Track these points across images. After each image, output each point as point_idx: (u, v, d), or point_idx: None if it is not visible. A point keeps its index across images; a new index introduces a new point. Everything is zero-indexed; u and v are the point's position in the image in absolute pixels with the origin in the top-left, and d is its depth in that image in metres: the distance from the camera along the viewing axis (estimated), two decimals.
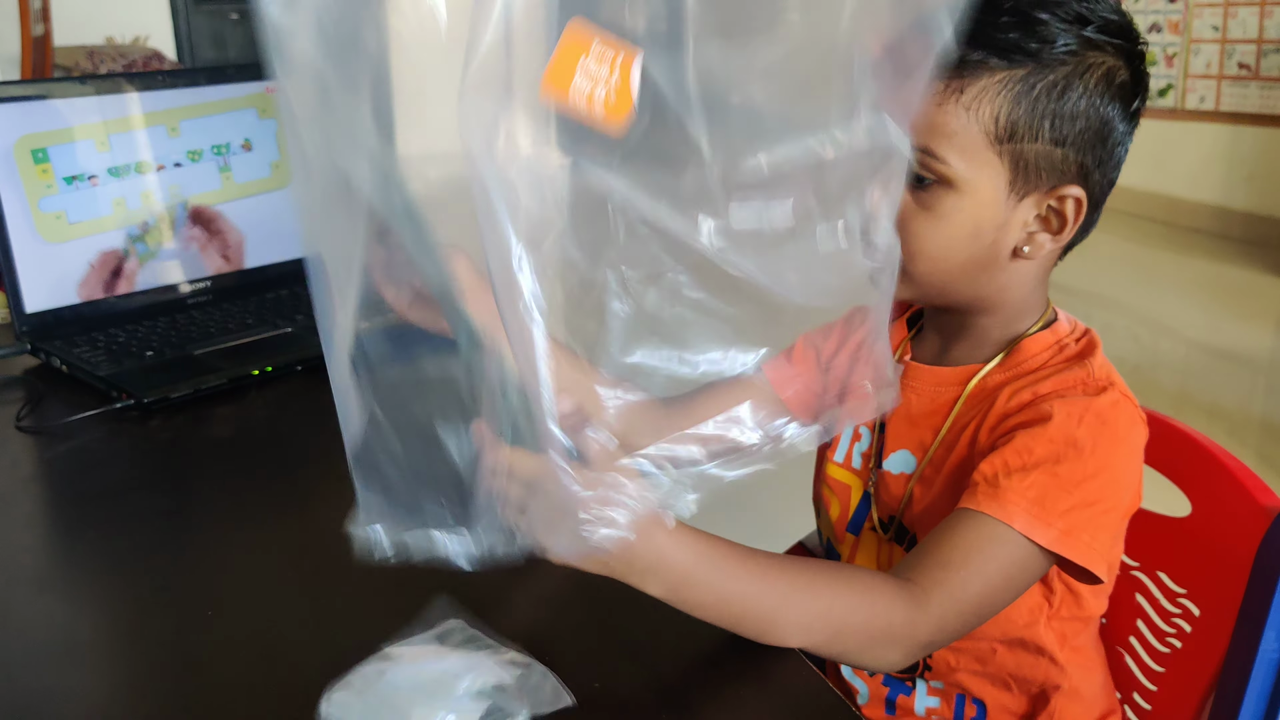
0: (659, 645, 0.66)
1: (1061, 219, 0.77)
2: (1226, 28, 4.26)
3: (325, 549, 0.80)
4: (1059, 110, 0.74)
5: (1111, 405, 0.76)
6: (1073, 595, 0.83)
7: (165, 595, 0.74)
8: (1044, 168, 0.75)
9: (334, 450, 1.00)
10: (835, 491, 0.92)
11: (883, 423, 0.88)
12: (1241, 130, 4.27)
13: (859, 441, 0.90)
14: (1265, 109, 4.17)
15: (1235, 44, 4.25)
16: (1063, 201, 0.76)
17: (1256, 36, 4.17)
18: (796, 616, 0.66)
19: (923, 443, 0.85)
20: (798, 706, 0.61)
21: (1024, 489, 0.72)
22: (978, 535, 0.72)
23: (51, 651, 0.68)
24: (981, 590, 0.71)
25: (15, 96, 1.16)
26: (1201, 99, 4.39)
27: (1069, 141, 0.75)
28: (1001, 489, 0.72)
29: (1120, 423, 0.76)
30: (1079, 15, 0.74)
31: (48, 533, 0.86)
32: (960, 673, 0.86)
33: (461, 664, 0.61)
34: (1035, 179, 0.75)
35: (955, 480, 0.80)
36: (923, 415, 0.85)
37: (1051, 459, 0.73)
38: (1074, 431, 0.74)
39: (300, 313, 1.25)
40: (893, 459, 0.87)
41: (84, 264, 1.21)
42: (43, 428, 1.02)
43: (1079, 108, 0.74)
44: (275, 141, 1.34)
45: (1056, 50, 0.73)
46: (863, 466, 0.90)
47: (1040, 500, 0.72)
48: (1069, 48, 0.73)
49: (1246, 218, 4.27)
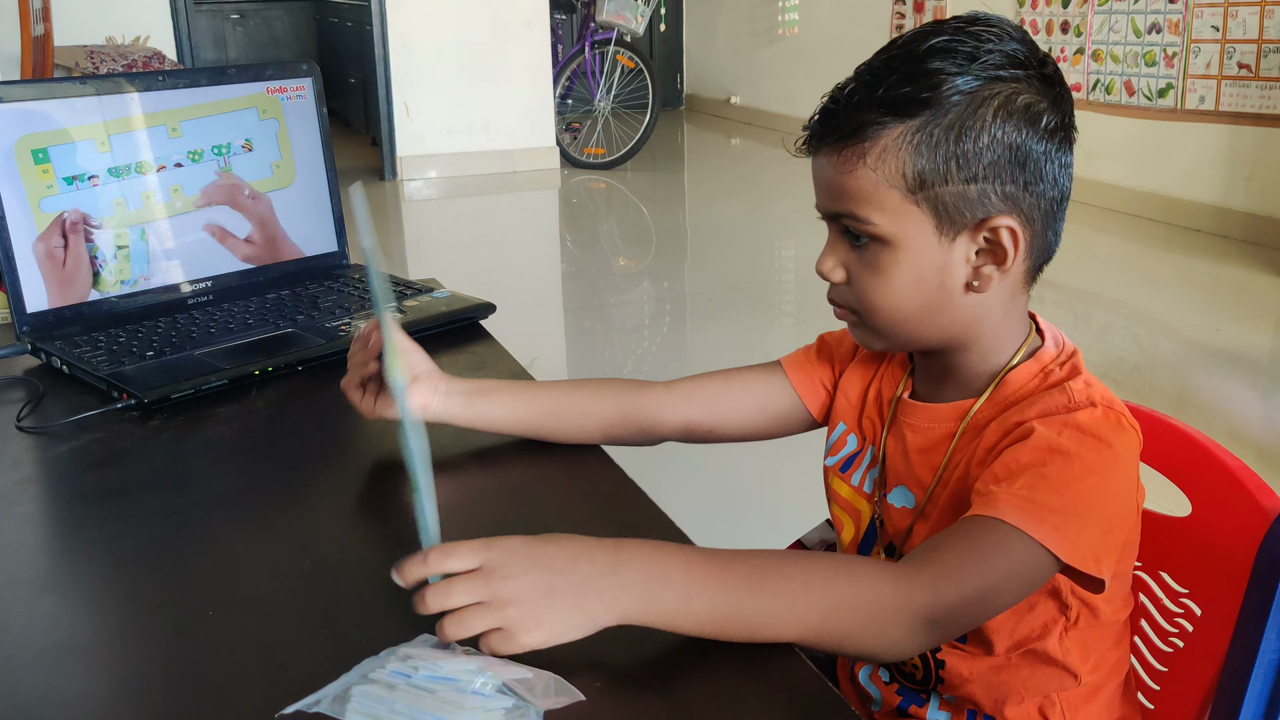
0: (659, 645, 0.66)
1: (1001, 249, 0.78)
2: (1226, 28, 4.26)
3: (325, 549, 0.80)
4: (961, 150, 0.75)
5: (1090, 418, 0.76)
6: (1088, 608, 0.82)
7: (165, 595, 0.74)
8: (964, 207, 0.76)
9: (334, 450, 1.00)
10: (848, 514, 0.93)
11: (884, 455, 0.89)
12: (1241, 130, 4.26)
13: (872, 469, 0.91)
14: (1265, 109, 4.17)
15: (1235, 44, 4.25)
16: (995, 233, 0.77)
17: (1256, 36, 4.17)
18: (781, 602, 0.66)
19: (920, 481, 0.86)
20: (798, 706, 0.61)
21: (1014, 491, 0.73)
22: (972, 529, 0.72)
23: (51, 651, 0.68)
24: (981, 575, 0.71)
25: (15, 97, 1.16)
26: (1201, 99, 4.39)
27: (981, 177, 0.76)
28: (993, 494, 0.73)
29: (1102, 431, 0.76)
30: (969, 54, 0.75)
31: (48, 533, 0.86)
32: (973, 684, 0.85)
33: (475, 664, 0.61)
34: (959, 218, 0.77)
35: (953, 514, 0.81)
36: (918, 452, 0.86)
37: (1037, 463, 0.74)
38: (1055, 440, 0.75)
39: (300, 313, 1.25)
40: (894, 493, 0.88)
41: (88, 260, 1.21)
42: (43, 428, 1.02)
43: (981, 142, 0.75)
44: (276, 142, 1.34)
45: (946, 93, 0.74)
46: (873, 492, 0.91)
47: (1031, 498, 0.72)
48: (962, 89, 0.74)
49: (1246, 218, 4.27)
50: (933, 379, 0.87)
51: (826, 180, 0.79)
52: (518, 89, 6.01)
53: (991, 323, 0.82)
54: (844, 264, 0.81)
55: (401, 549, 0.80)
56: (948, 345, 0.83)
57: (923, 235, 0.77)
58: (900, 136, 0.75)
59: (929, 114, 0.75)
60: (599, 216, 5.51)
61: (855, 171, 0.77)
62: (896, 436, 0.88)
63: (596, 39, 6.13)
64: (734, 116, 7.92)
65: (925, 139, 0.75)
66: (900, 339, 0.83)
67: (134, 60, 4.44)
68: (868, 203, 0.77)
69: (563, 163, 6.23)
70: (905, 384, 0.89)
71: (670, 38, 8.44)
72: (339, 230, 1.41)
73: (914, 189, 0.76)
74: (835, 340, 0.97)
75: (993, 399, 0.82)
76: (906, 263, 0.78)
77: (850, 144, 0.77)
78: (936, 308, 0.80)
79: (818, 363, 0.96)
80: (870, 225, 0.77)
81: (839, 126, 0.77)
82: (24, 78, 3.74)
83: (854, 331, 0.86)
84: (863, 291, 0.80)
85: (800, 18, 7.08)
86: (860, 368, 0.94)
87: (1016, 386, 0.82)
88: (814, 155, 0.81)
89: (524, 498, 0.88)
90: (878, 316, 0.81)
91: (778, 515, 2.15)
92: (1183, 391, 2.97)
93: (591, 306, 3.98)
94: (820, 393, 0.96)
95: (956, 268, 0.78)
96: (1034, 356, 0.82)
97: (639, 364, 3.37)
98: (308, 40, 8.17)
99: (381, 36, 5.78)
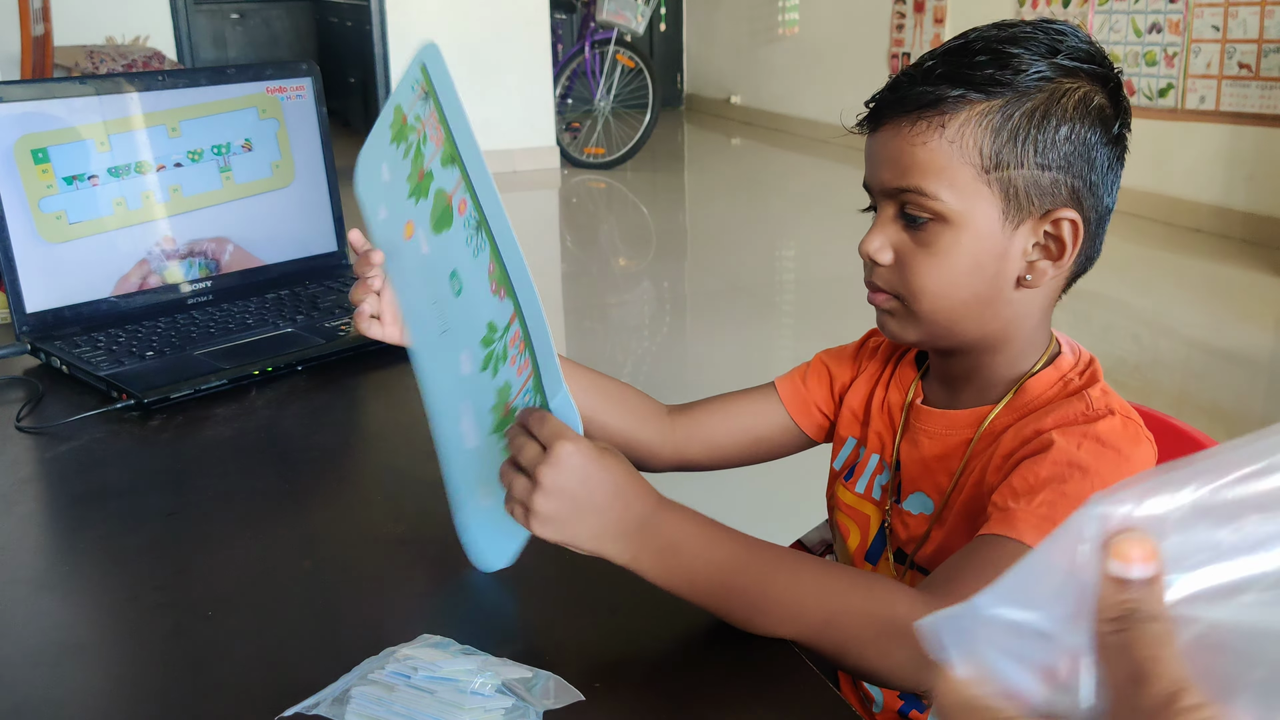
0: (658, 645, 0.66)
1: (1060, 244, 0.78)
2: (1226, 28, 4.26)
3: (325, 549, 0.80)
4: (1041, 136, 0.75)
5: (1109, 429, 0.76)
6: None
7: (165, 595, 0.74)
8: (1034, 193, 0.76)
9: (334, 450, 1.00)
10: (854, 520, 0.92)
11: (898, 462, 0.88)
12: (1241, 130, 4.26)
13: (881, 474, 0.90)
14: (1265, 109, 4.17)
15: (1235, 44, 4.25)
16: (1058, 225, 0.77)
17: (1256, 36, 4.17)
18: (787, 595, 0.66)
19: (939, 486, 0.85)
20: (798, 706, 0.61)
21: (1033, 508, 0.72)
22: (991, 553, 0.72)
23: (51, 651, 0.68)
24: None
25: (15, 96, 1.16)
26: (1201, 99, 4.39)
27: (1054, 165, 0.76)
28: (1011, 511, 0.72)
29: (1121, 444, 0.75)
30: (1050, 46, 0.76)
31: (48, 533, 0.86)
32: None
33: (474, 664, 0.61)
34: (1028, 205, 0.76)
35: (968, 520, 0.80)
36: (935, 459, 0.85)
37: (1057, 479, 0.73)
38: (1074, 454, 0.74)
39: (300, 313, 1.25)
40: (911, 499, 0.87)
41: (118, 262, 1.21)
42: (43, 428, 1.02)
43: (1060, 133, 0.75)
44: (276, 142, 1.34)
45: (1030, 78, 0.75)
46: (882, 498, 0.90)
47: (1050, 517, 0.71)
48: (1043, 75, 0.75)
49: (1246, 218, 4.27)
50: (949, 384, 0.86)
51: (893, 153, 0.78)
52: (518, 89, 6.01)
53: (1027, 327, 0.81)
54: (893, 245, 0.79)
55: (401, 549, 0.80)
56: (981, 344, 0.82)
57: (988, 218, 0.76)
58: (982, 113, 0.75)
59: (1011, 95, 0.75)
60: (599, 216, 5.51)
61: (930, 144, 0.75)
62: (910, 443, 0.87)
63: (596, 39, 6.13)
64: (734, 116, 7.92)
65: (1005, 119, 0.75)
66: (940, 329, 0.81)
67: (134, 60, 4.44)
68: (938, 177, 0.75)
69: (563, 162, 6.23)
70: (915, 389, 0.89)
71: (670, 38, 8.44)
72: (339, 230, 1.41)
73: (989, 168, 0.75)
74: (833, 358, 0.96)
75: (1010, 406, 0.82)
76: (967, 245, 0.77)
77: (927, 115, 0.75)
78: (985, 299, 0.79)
79: (813, 385, 0.95)
80: (937, 201, 0.76)
81: (916, 97, 0.76)
82: (24, 78, 3.74)
83: (890, 322, 0.83)
84: (914, 274, 0.78)
85: (800, 18, 7.08)
86: (864, 380, 0.93)
87: (1035, 394, 0.81)
88: (876, 130, 0.79)
89: None
90: (924, 301, 0.79)
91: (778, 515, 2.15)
92: (1183, 391, 2.97)
93: (591, 306, 3.98)
94: (815, 415, 0.95)
95: (1014, 258, 0.78)
96: (1053, 364, 0.82)
97: (639, 364, 3.37)
98: (308, 40, 8.17)
99: (381, 36, 5.78)
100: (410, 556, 0.79)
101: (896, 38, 6.19)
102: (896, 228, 0.79)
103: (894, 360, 0.92)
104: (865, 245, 0.80)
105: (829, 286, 4.05)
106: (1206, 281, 3.93)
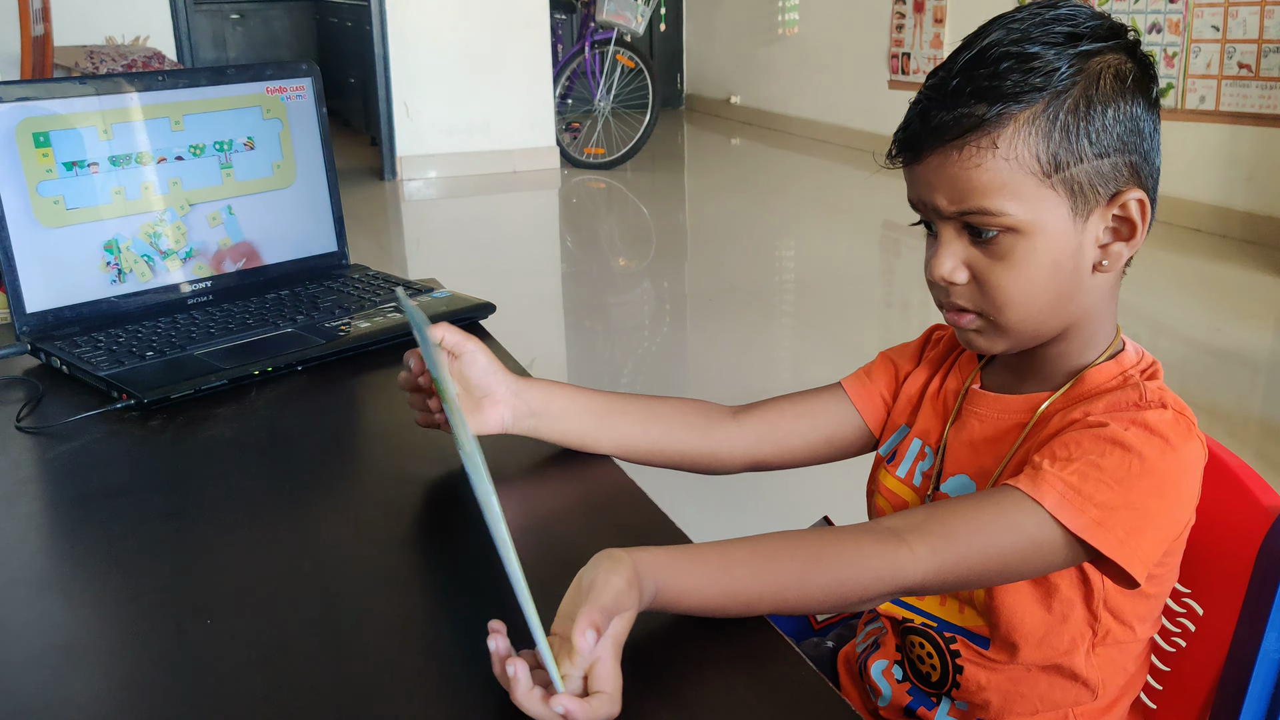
0: (659, 645, 0.66)
1: (1130, 224, 0.78)
2: (1226, 28, 4.26)
3: (325, 549, 0.80)
4: (1090, 126, 0.75)
5: (1159, 419, 0.76)
6: (1121, 624, 0.82)
7: (165, 595, 0.74)
8: (1098, 182, 0.76)
9: (333, 450, 1.00)
10: (892, 505, 0.93)
11: (944, 445, 0.88)
12: (1241, 130, 4.26)
13: (923, 460, 0.91)
14: (1265, 109, 4.17)
15: (1235, 44, 4.24)
16: (1125, 207, 0.77)
17: (1256, 36, 4.17)
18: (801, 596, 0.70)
19: (983, 469, 0.85)
20: (798, 706, 0.61)
21: (1064, 474, 0.72)
22: (1004, 503, 0.73)
23: (51, 652, 0.68)
24: (986, 547, 0.72)
25: (14, 96, 1.16)
26: (1201, 99, 4.39)
27: (1112, 150, 0.76)
28: (1042, 472, 0.73)
29: (1170, 434, 0.75)
30: (1065, 35, 0.75)
31: (48, 533, 0.86)
32: (989, 692, 0.85)
33: None
34: (1094, 195, 0.76)
35: None
36: (984, 441, 0.85)
37: (1096, 453, 0.73)
38: (1120, 434, 0.74)
39: (300, 313, 1.25)
40: (950, 482, 0.87)
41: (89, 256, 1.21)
42: (43, 428, 1.02)
43: (1109, 117, 0.75)
44: (278, 141, 1.34)
45: (1065, 73, 0.74)
46: (923, 484, 0.90)
47: (1078, 487, 0.72)
48: (1072, 66, 0.74)
49: (1246, 217, 4.27)
50: (1012, 371, 0.86)
51: (946, 179, 0.76)
52: (518, 89, 6.01)
53: (1100, 308, 0.81)
54: (965, 262, 0.78)
55: (401, 549, 0.80)
56: (1060, 334, 0.82)
57: (1058, 219, 0.76)
58: (1028, 121, 0.74)
59: (1049, 96, 0.74)
60: (599, 216, 5.51)
61: (984, 165, 0.74)
62: (960, 426, 0.87)
63: (596, 39, 6.13)
64: (734, 116, 7.92)
65: (1051, 122, 0.74)
66: (1029, 334, 0.80)
67: (134, 60, 4.44)
68: (1001, 193, 0.75)
69: (563, 163, 6.23)
70: (974, 376, 0.89)
71: (670, 38, 8.44)
72: (339, 230, 1.41)
73: (1049, 172, 0.75)
74: (897, 352, 0.97)
75: (1067, 394, 0.82)
76: (1043, 249, 0.76)
77: (973, 138, 0.74)
78: (1067, 294, 0.78)
79: (878, 377, 0.96)
80: (1005, 217, 0.75)
81: (956, 123, 0.75)
82: (24, 78, 3.74)
83: (977, 340, 0.82)
84: (995, 288, 0.78)
85: (800, 18, 7.08)
86: (925, 368, 0.94)
87: (1094, 385, 0.81)
88: (916, 162, 0.78)
89: (524, 498, 0.88)
90: (1010, 312, 0.78)
91: (779, 516, 2.15)
92: (1182, 391, 2.96)
93: (591, 306, 3.98)
94: (879, 407, 0.96)
95: (1088, 249, 0.78)
96: (1115, 359, 0.82)
97: (639, 364, 3.37)
98: (308, 40, 8.17)
99: (381, 36, 5.78)
100: (410, 556, 0.79)
101: (896, 38, 6.19)
102: (963, 244, 0.78)
103: (958, 349, 0.93)
104: (937, 269, 0.79)
105: (829, 286, 4.05)
106: (1206, 281, 3.93)
